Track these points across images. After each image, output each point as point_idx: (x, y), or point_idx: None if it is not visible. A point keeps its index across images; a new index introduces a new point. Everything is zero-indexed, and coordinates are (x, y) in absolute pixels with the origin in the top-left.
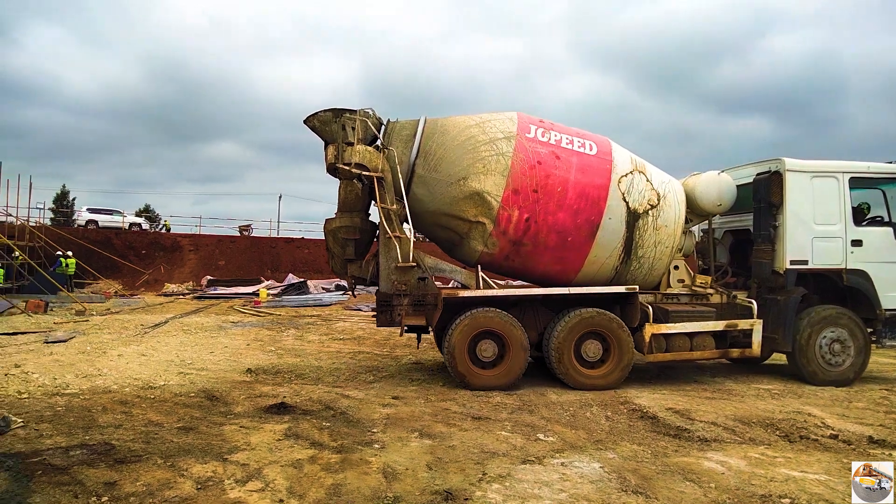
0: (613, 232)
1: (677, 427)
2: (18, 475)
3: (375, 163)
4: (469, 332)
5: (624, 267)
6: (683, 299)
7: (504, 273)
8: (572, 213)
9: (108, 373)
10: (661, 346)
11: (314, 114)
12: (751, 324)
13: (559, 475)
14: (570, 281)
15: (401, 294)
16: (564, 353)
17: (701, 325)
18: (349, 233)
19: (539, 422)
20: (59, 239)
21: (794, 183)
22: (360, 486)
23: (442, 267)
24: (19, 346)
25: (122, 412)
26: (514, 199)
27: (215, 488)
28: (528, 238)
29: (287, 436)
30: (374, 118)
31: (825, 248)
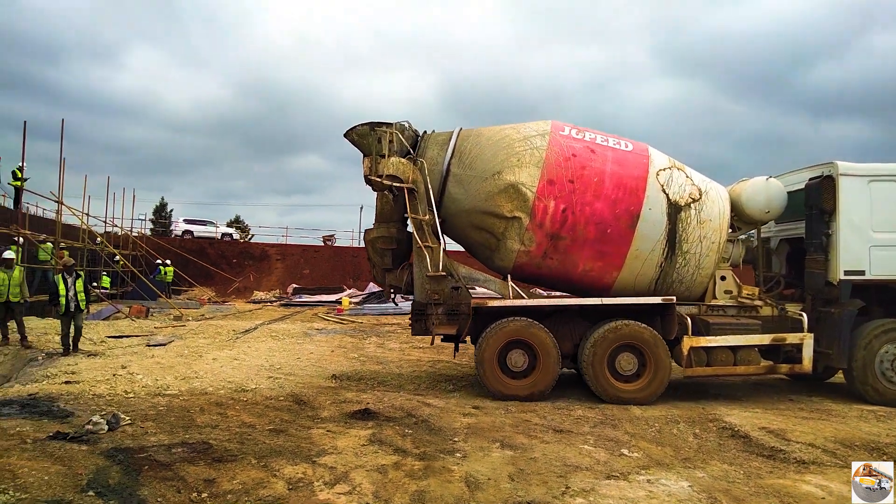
0: (655, 223)
1: (771, 447)
2: (128, 469)
3: (408, 174)
4: (499, 341)
5: (669, 264)
6: (730, 311)
7: (543, 279)
8: (610, 203)
9: (204, 375)
10: (701, 360)
11: (353, 127)
12: (801, 338)
13: (645, 492)
14: (612, 282)
15: (435, 303)
16: (597, 365)
17: (744, 338)
18: (386, 243)
19: (623, 437)
20: (158, 248)
21: (849, 188)
22: (443, 493)
23: (475, 276)
24: (124, 348)
25: (218, 413)
26: (550, 190)
27: (305, 489)
28: (565, 230)
29: (371, 441)
30: (410, 131)
31: (885, 257)
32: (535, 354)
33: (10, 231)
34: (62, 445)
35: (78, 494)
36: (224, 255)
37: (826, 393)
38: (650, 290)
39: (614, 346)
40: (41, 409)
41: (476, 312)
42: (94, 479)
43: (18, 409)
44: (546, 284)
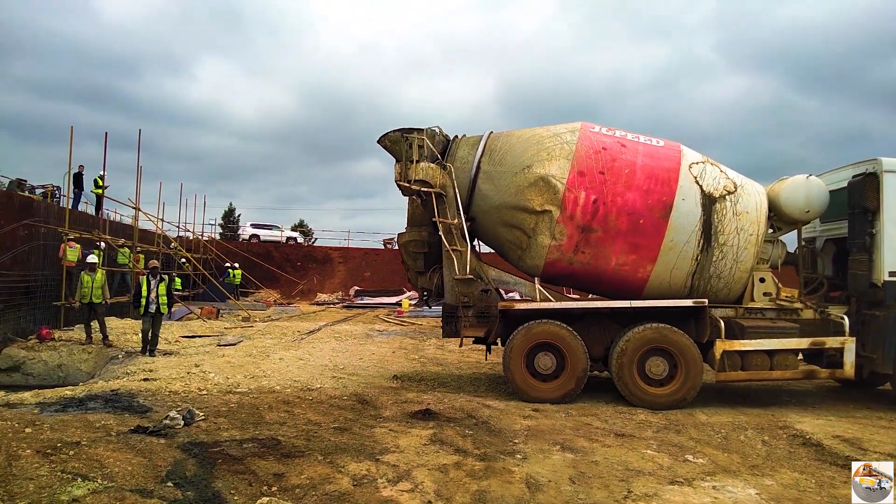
0: (689, 214)
1: (846, 457)
2: (203, 462)
3: (437, 178)
4: (526, 343)
5: (705, 257)
6: (769, 314)
7: (576, 279)
8: (642, 194)
9: (271, 374)
10: (735, 364)
11: (385, 134)
12: (842, 342)
13: (711, 499)
14: (646, 277)
15: (464, 305)
16: (625, 369)
17: (781, 342)
18: (418, 246)
19: (687, 442)
20: (227, 252)
21: (894, 185)
22: (503, 494)
23: (505, 279)
24: (197, 348)
25: (285, 411)
26: (580, 181)
27: (369, 486)
28: (597, 222)
29: (432, 441)
30: (441, 136)
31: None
32: (563, 357)
33: (92, 236)
34: (143, 438)
35: (158, 485)
36: (289, 258)
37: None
38: (686, 286)
39: (644, 349)
40: (123, 405)
41: (504, 315)
42: (172, 470)
43: (102, 403)
44: (578, 286)
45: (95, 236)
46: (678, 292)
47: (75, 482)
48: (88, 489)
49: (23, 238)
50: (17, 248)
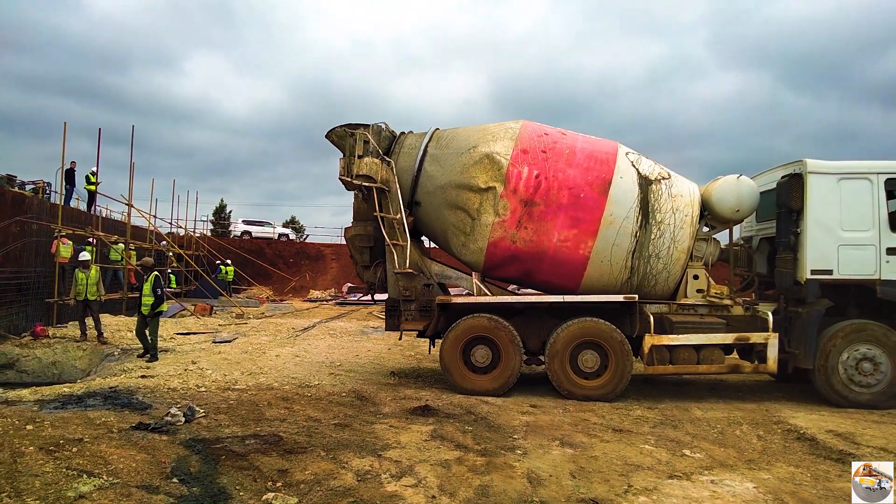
0: (627, 191)
1: (840, 451)
2: (207, 458)
3: (380, 174)
4: (462, 336)
5: (644, 235)
6: (701, 311)
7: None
8: (582, 171)
9: (268, 371)
10: (663, 358)
11: (333, 129)
12: (765, 337)
13: (709, 492)
14: (587, 254)
15: (406, 300)
16: (557, 361)
17: (707, 337)
18: (364, 241)
19: (684, 437)
20: (219, 248)
21: (817, 186)
22: (506, 488)
23: (448, 274)
24: (192, 345)
25: (285, 407)
26: (523, 158)
27: (373, 481)
28: (539, 196)
29: (433, 437)
30: (388, 132)
31: (854, 256)
32: (498, 350)
33: (85, 233)
34: (145, 435)
35: (164, 481)
36: (281, 254)
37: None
38: (627, 266)
39: (576, 343)
40: (122, 401)
41: (445, 309)
42: (176, 467)
43: (102, 400)
44: (521, 275)
45: (88, 233)
46: (619, 275)
47: (81, 479)
48: (94, 485)
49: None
50: (9, 245)
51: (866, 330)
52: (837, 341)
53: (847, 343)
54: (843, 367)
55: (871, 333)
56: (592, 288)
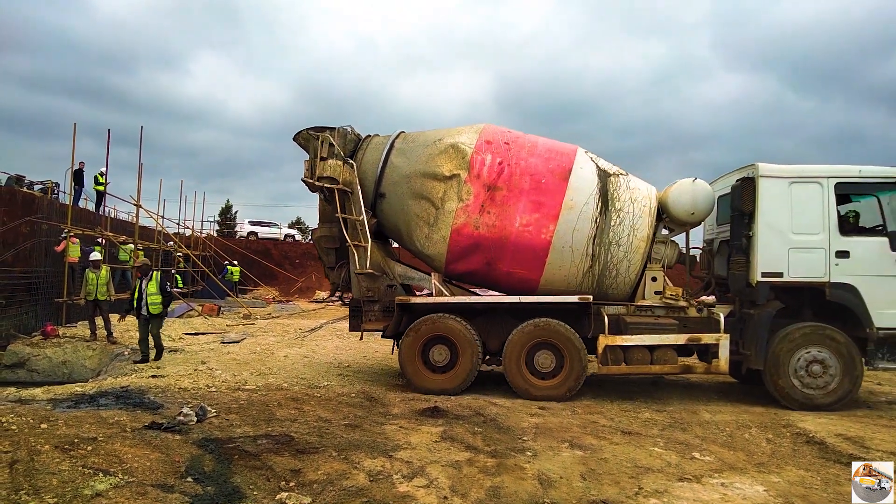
0: (587, 179)
1: (850, 454)
2: (220, 458)
3: (343, 175)
4: (420, 336)
5: (604, 220)
6: (658, 312)
7: (482, 250)
8: (544, 160)
9: (277, 372)
10: (617, 359)
11: (299, 132)
12: (717, 338)
13: (720, 495)
14: (549, 238)
15: (369, 300)
16: (514, 361)
17: (660, 337)
18: (329, 242)
19: (693, 440)
20: (225, 249)
21: (768, 190)
22: (517, 489)
23: (411, 275)
24: (201, 345)
25: (295, 408)
26: (487, 147)
27: (385, 482)
28: (502, 181)
29: (443, 438)
30: (353, 135)
31: (804, 259)
32: (456, 350)
33: (95, 233)
34: (158, 434)
35: (178, 480)
36: (287, 255)
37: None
38: (588, 254)
39: (532, 343)
40: (134, 401)
41: (404, 309)
42: (191, 466)
43: (114, 400)
44: (485, 264)
45: (98, 233)
46: (581, 264)
47: (97, 477)
48: (111, 484)
49: (25, 234)
50: (19, 245)
51: (816, 332)
52: (788, 343)
53: (797, 345)
54: (794, 369)
55: (820, 336)
56: (554, 278)
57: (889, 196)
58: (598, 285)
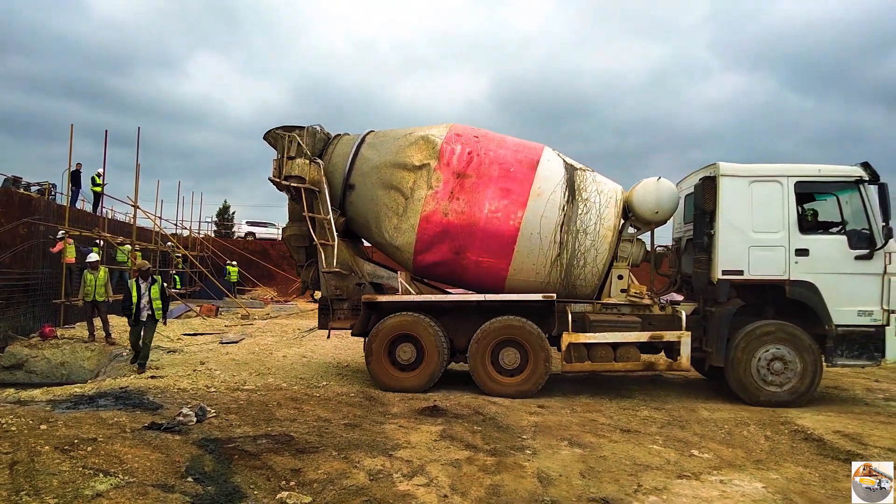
0: (554, 170)
1: (847, 451)
2: (220, 458)
3: (311, 175)
4: (387, 334)
5: (571, 209)
6: (624, 310)
7: (451, 237)
8: (512, 152)
9: (276, 372)
10: (581, 356)
11: (269, 130)
12: (678, 335)
13: (719, 492)
14: (517, 226)
15: (338, 299)
16: (479, 359)
17: (623, 335)
18: (299, 241)
19: (692, 438)
20: (223, 249)
21: (729, 188)
22: (517, 487)
23: (380, 273)
24: (200, 345)
25: (295, 408)
26: (457, 139)
27: (385, 480)
28: (471, 169)
29: (443, 437)
30: (322, 134)
31: (763, 257)
32: (422, 348)
33: (92, 234)
34: (157, 435)
35: (179, 480)
36: (285, 255)
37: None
38: (556, 241)
39: (497, 340)
40: (133, 402)
41: (372, 308)
42: (191, 466)
43: (113, 400)
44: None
45: (95, 234)
46: (549, 251)
47: (97, 477)
48: (111, 484)
49: (22, 236)
50: (17, 246)
51: (777, 330)
52: (750, 341)
53: (759, 343)
54: (756, 366)
55: (781, 333)
56: (523, 267)
57: (848, 195)
58: (567, 276)
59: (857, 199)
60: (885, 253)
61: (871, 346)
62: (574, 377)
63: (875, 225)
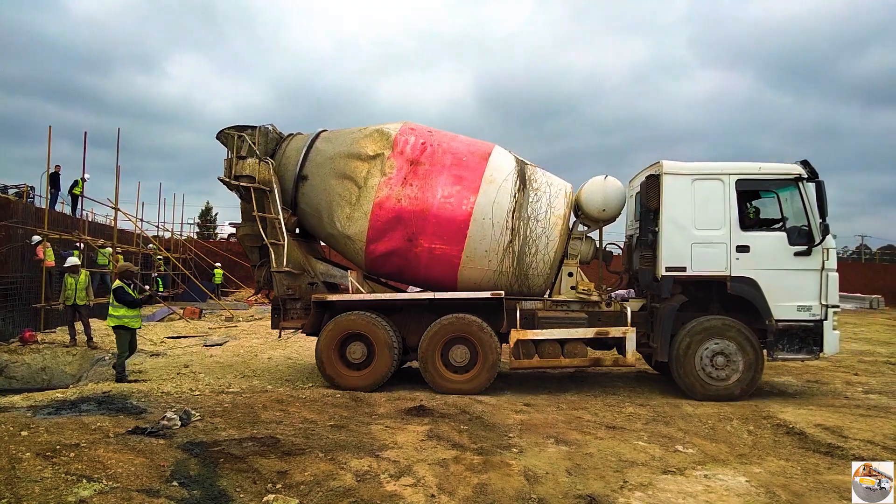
0: (505, 162)
1: (829, 444)
2: (206, 461)
3: (262, 174)
4: (337, 333)
5: (522, 196)
6: (574, 307)
7: (404, 223)
8: (465, 145)
9: (261, 374)
10: (529, 353)
11: (221, 130)
12: (623, 331)
13: (703, 486)
14: (470, 212)
15: (291, 298)
16: (429, 357)
17: (569, 331)
18: (253, 240)
19: (676, 433)
20: (206, 251)
21: (672, 186)
22: (504, 486)
23: (333, 273)
24: (183, 348)
25: (280, 410)
26: (411, 132)
27: (373, 481)
28: (425, 157)
29: (429, 437)
30: (275, 133)
31: (705, 253)
32: (372, 347)
33: (72, 237)
34: (142, 440)
35: (164, 485)
36: None
37: (881, 391)
38: (508, 227)
39: (446, 338)
40: (116, 406)
41: (324, 307)
42: (176, 470)
43: (96, 405)
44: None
45: (75, 237)
46: (501, 238)
47: (81, 483)
48: (95, 490)
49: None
50: None
51: (720, 325)
52: (693, 336)
53: (702, 338)
54: (699, 361)
55: (724, 329)
56: (475, 254)
57: (788, 193)
58: (519, 264)
59: (797, 196)
60: (823, 249)
61: (810, 341)
62: (560, 375)
63: (813, 222)
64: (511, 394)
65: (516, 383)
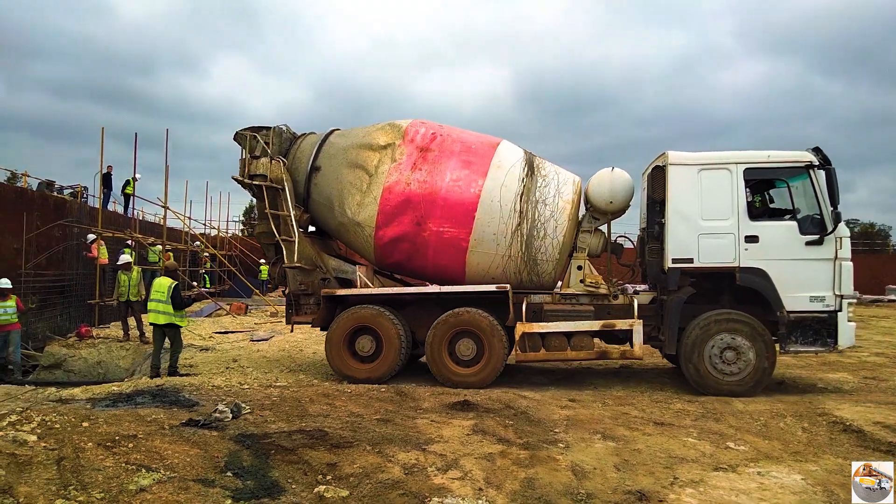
0: (513, 151)
1: (889, 443)
2: (258, 453)
3: (274, 173)
4: (346, 327)
5: (531, 181)
6: (582, 300)
7: (413, 207)
8: (475, 136)
9: (307, 368)
10: (535, 346)
11: (238, 131)
12: (630, 324)
13: (756, 484)
14: (478, 193)
15: (304, 294)
16: (435, 350)
17: (576, 324)
18: (268, 238)
19: (727, 430)
20: (252, 248)
21: (678, 177)
22: (551, 481)
23: (344, 268)
24: (231, 343)
25: (327, 403)
26: (422, 124)
27: (420, 474)
28: (434, 145)
29: (475, 431)
30: (289, 133)
31: (712, 244)
32: (380, 340)
33: (124, 235)
34: (195, 431)
35: (219, 475)
36: None
37: None
38: (517, 210)
39: (453, 332)
40: (170, 399)
41: (333, 301)
42: (229, 461)
43: (150, 398)
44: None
45: (127, 235)
46: (509, 221)
47: (140, 472)
48: (154, 479)
49: (57, 238)
50: (52, 248)
51: (729, 319)
52: (702, 330)
53: (711, 332)
54: (709, 355)
55: (733, 322)
56: (484, 237)
57: (799, 181)
58: (527, 248)
59: (808, 184)
60: (836, 238)
61: (824, 332)
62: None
63: (825, 210)
64: (556, 389)
65: (560, 379)
